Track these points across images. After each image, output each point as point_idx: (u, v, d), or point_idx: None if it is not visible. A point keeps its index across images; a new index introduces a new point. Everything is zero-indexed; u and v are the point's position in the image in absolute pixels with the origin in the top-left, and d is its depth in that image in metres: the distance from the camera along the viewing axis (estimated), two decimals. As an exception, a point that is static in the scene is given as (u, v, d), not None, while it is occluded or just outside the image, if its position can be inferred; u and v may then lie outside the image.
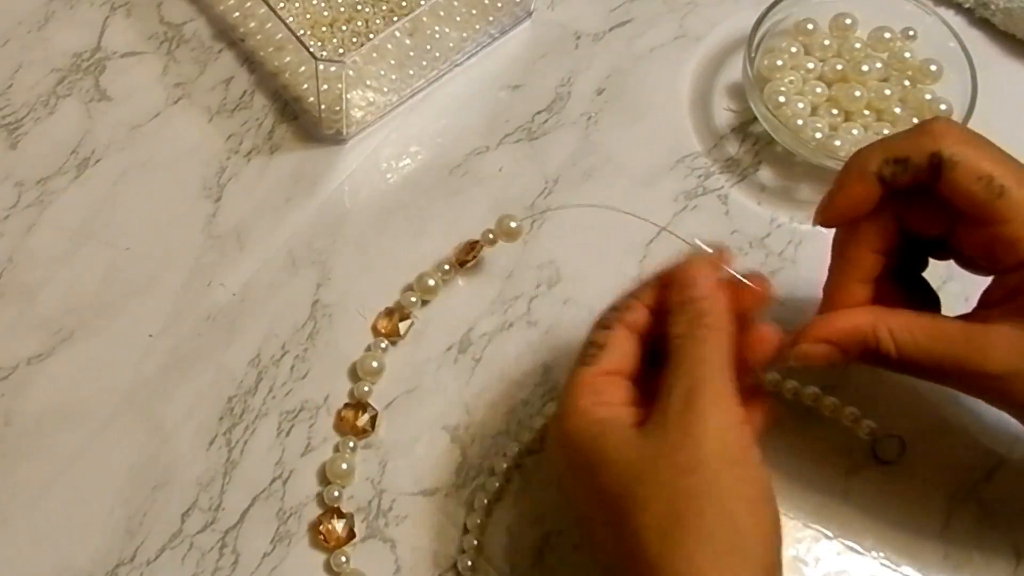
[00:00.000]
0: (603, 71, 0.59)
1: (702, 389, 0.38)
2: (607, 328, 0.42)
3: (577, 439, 0.39)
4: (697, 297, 0.41)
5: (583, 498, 0.40)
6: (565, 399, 0.41)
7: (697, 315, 0.40)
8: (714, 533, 0.36)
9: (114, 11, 0.60)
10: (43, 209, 0.54)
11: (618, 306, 0.43)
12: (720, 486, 0.36)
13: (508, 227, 0.51)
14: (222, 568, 0.46)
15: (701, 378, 0.38)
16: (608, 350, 0.41)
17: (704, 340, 0.39)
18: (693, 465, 0.36)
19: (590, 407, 0.40)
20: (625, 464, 0.37)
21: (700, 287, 0.41)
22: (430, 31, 0.56)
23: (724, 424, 0.38)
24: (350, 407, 0.49)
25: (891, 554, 0.47)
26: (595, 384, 0.41)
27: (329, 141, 0.57)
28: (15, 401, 0.49)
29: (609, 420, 0.39)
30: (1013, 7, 0.59)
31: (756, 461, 0.38)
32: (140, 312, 0.51)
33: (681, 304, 0.41)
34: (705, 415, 0.37)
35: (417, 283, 0.52)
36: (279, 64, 0.58)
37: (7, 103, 0.57)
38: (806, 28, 0.58)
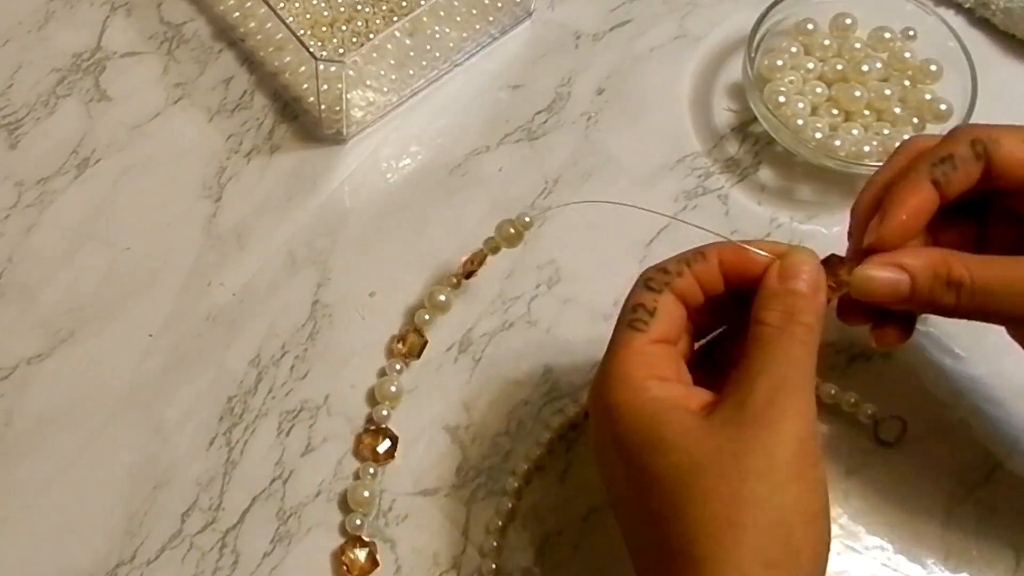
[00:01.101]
0: (603, 71, 0.59)
1: (789, 391, 0.36)
2: (656, 291, 0.39)
3: (631, 415, 0.37)
4: (800, 291, 0.38)
5: (629, 479, 0.37)
6: (613, 367, 0.38)
7: (795, 309, 0.38)
8: (768, 545, 0.34)
9: (114, 11, 0.60)
10: (43, 209, 0.54)
11: (669, 269, 0.40)
12: (784, 498, 0.35)
13: (508, 232, 0.50)
14: (222, 568, 0.46)
15: (789, 380, 0.36)
16: (658, 316, 0.39)
17: (799, 340, 0.37)
18: (762, 471, 0.35)
19: (644, 380, 0.37)
20: (687, 453, 0.35)
21: (806, 281, 0.39)
22: (430, 31, 0.56)
23: (802, 435, 0.36)
24: (370, 432, 0.48)
25: (891, 554, 0.47)
26: (647, 353, 0.38)
27: (329, 141, 0.57)
28: (15, 401, 0.49)
29: (669, 400, 0.37)
30: (1013, 7, 0.59)
31: (821, 477, 0.36)
32: (140, 312, 0.51)
33: (781, 293, 0.38)
34: (785, 421, 0.36)
35: (428, 300, 0.51)
36: (279, 64, 0.58)
37: (7, 103, 0.57)
38: (806, 28, 0.58)
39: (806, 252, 0.40)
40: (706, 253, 0.40)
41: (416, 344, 0.50)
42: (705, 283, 0.40)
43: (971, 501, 0.48)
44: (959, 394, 0.50)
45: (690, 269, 0.40)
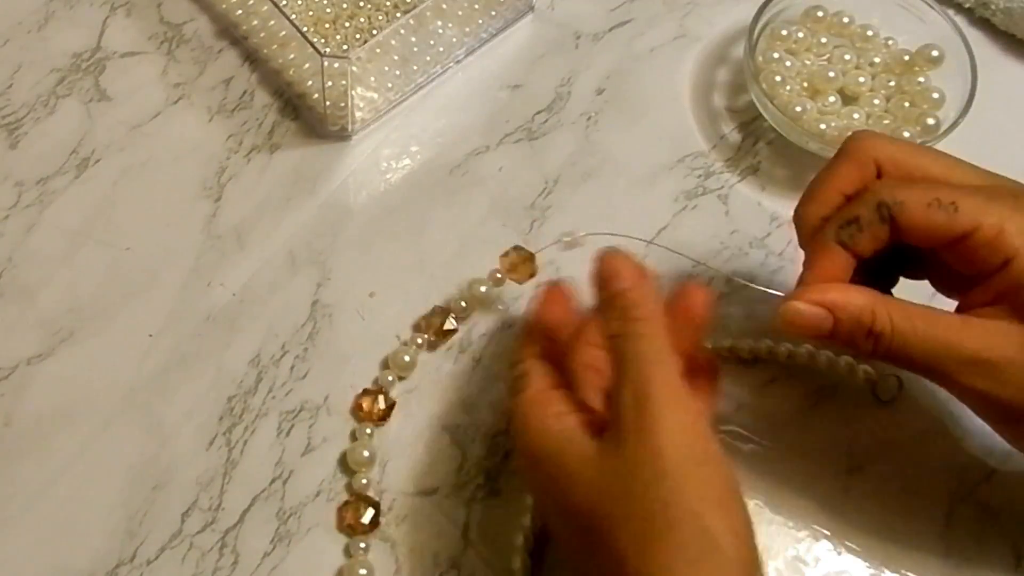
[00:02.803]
0: (603, 71, 0.59)
1: (649, 391, 0.37)
2: (520, 362, 0.43)
3: (539, 456, 0.39)
4: (623, 289, 0.40)
5: (556, 517, 0.40)
6: (516, 421, 0.41)
7: (625, 307, 0.39)
8: (687, 541, 0.35)
9: (114, 11, 0.60)
10: (43, 209, 0.54)
11: (516, 349, 0.44)
12: (687, 492, 0.36)
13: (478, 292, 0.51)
14: (222, 568, 0.46)
15: (646, 378, 0.38)
16: (532, 375, 0.42)
17: (640, 335, 0.39)
18: (658, 476, 0.36)
19: (544, 420, 0.40)
20: (590, 483, 0.37)
21: (623, 278, 0.40)
22: (433, 26, 0.56)
23: (681, 424, 0.37)
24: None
25: (891, 554, 0.47)
26: (539, 400, 0.41)
27: (330, 139, 0.57)
28: (15, 401, 0.49)
29: (565, 433, 0.39)
30: (1013, 7, 0.59)
31: (718, 456, 0.37)
32: (140, 312, 0.51)
33: (609, 300, 0.40)
34: (659, 419, 0.37)
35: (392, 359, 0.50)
36: (282, 62, 0.58)
37: (7, 103, 0.57)
38: (813, 15, 0.58)
39: (611, 251, 0.42)
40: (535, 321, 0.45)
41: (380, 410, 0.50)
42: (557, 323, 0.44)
43: (971, 501, 0.48)
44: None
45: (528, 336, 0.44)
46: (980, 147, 0.56)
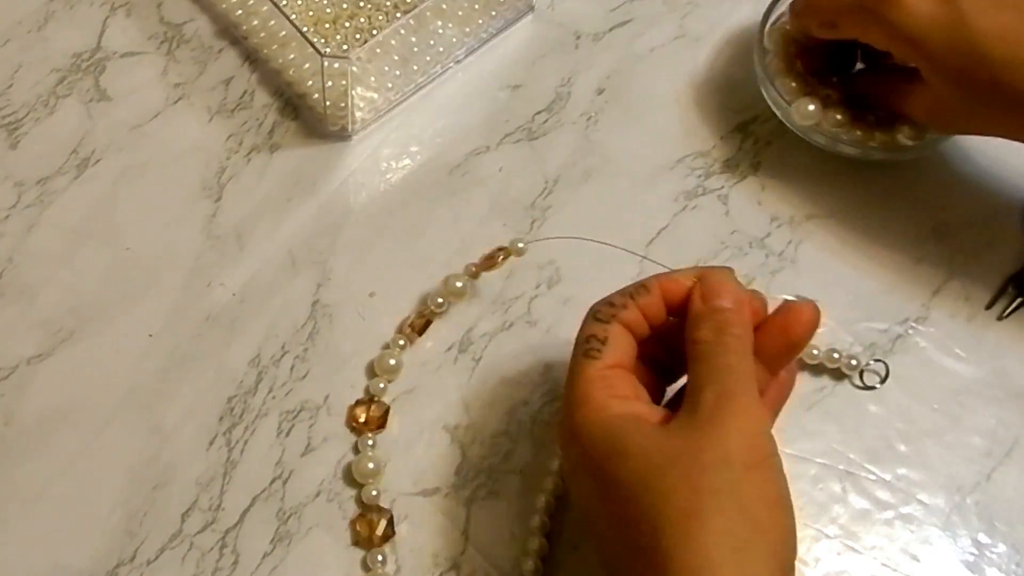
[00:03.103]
0: (603, 71, 0.59)
1: (732, 395, 0.38)
2: (605, 322, 0.42)
3: (596, 432, 0.39)
4: (725, 308, 0.41)
5: (597, 490, 0.39)
6: (576, 392, 0.40)
7: (724, 324, 0.40)
8: (732, 529, 0.36)
9: (114, 11, 0.60)
10: (43, 209, 0.54)
11: (615, 302, 0.42)
12: (742, 486, 0.37)
13: (454, 287, 0.51)
14: (222, 568, 0.46)
15: (731, 385, 0.39)
16: (610, 344, 0.41)
17: (732, 349, 0.40)
18: (717, 464, 0.37)
19: (606, 400, 0.40)
20: (647, 458, 0.37)
21: (728, 298, 0.41)
22: (433, 26, 0.56)
23: (752, 431, 0.38)
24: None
25: (891, 554, 0.47)
26: (606, 377, 0.41)
27: (330, 139, 0.57)
28: (15, 401, 0.49)
29: (630, 415, 0.39)
30: (1013, 7, 0.59)
31: (778, 468, 0.38)
32: (140, 312, 0.51)
33: (708, 312, 0.41)
34: (734, 419, 0.38)
35: (378, 363, 0.50)
36: (282, 62, 0.58)
37: (7, 103, 0.57)
38: None
39: (724, 271, 0.43)
40: (648, 286, 0.43)
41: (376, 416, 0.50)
42: (649, 314, 0.42)
43: (971, 501, 0.48)
44: (959, 394, 0.50)
45: (634, 301, 0.42)
46: (981, 147, 0.57)
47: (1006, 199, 0.55)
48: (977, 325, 0.52)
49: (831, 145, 0.54)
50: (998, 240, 0.54)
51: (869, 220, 0.55)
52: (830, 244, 0.54)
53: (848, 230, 0.54)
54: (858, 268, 0.53)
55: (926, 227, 0.54)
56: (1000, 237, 0.54)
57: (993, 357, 0.51)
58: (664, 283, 0.42)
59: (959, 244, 0.54)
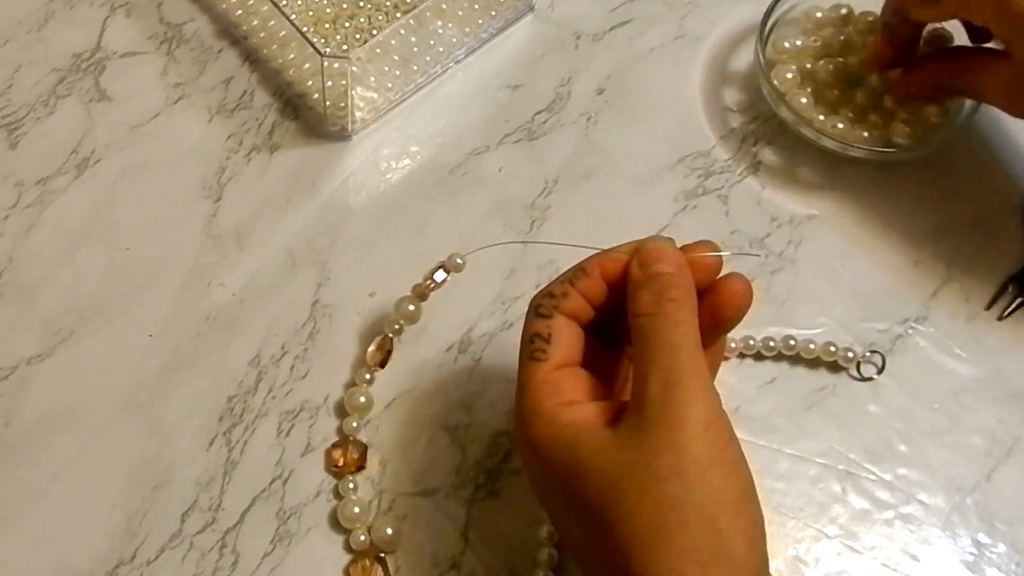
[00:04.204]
0: (603, 71, 0.59)
1: (680, 381, 0.37)
2: (547, 317, 0.40)
3: (549, 447, 0.38)
4: (663, 271, 0.39)
5: (560, 507, 0.39)
6: (526, 402, 0.39)
7: (662, 288, 0.39)
8: (698, 542, 0.35)
9: (114, 11, 0.60)
10: (43, 209, 0.54)
11: (555, 292, 0.41)
12: (702, 491, 0.35)
13: (407, 310, 0.50)
14: (222, 568, 0.46)
15: (678, 368, 0.37)
16: (555, 342, 0.40)
17: (674, 321, 0.38)
18: (675, 471, 0.35)
19: (556, 409, 0.38)
20: (603, 472, 0.36)
21: (666, 262, 0.40)
22: (433, 26, 0.56)
23: (705, 420, 0.36)
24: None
25: (891, 554, 0.47)
26: (554, 381, 0.39)
27: (330, 139, 0.57)
28: (15, 401, 0.49)
29: (580, 424, 0.38)
30: (1013, 7, 0.59)
31: (737, 457, 0.37)
32: (140, 312, 0.51)
33: (647, 279, 0.39)
34: (685, 413, 0.36)
35: (348, 402, 0.49)
36: (282, 62, 0.58)
37: (7, 103, 0.57)
38: (816, 13, 0.58)
39: (662, 239, 0.41)
40: (586, 268, 0.41)
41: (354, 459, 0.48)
42: (591, 297, 0.41)
43: (971, 501, 0.48)
44: (959, 394, 0.50)
45: (575, 287, 0.41)
46: (981, 147, 0.57)
47: (1006, 199, 0.55)
48: (977, 325, 0.52)
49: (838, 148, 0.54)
50: (998, 240, 0.54)
51: (869, 220, 0.55)
52: (830, 244, 0.54)
53: (848, 230, 0.54)
54: (858, 268, 0.53)
55: (926, 227, 0.54)
56: (1000, 237, 0.54)
57: (993, 357, 0.51)
58: (602, 262, 0.41)
59: (959, 244, 0.54)
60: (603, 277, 0.41)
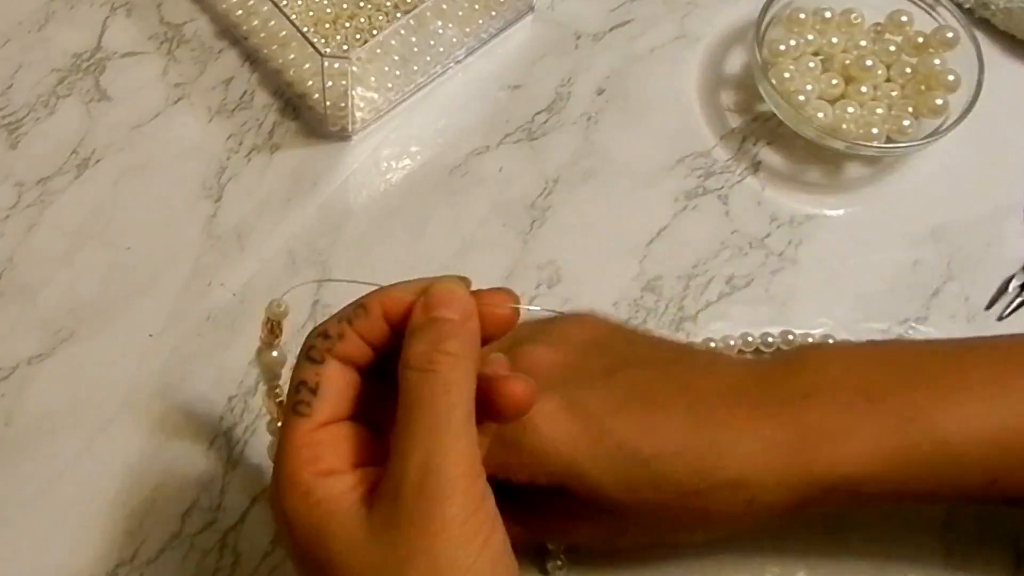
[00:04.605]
0: (603, 71, 0.59)
1: (439, 469, 0.33)
2: (318, 362, 0.36)
3: (300, 526, 0.34)
4: (445, 317, 0.35)
5: None
6: (281, 467, 0.35)
7: (439, 337, 0.34)
8: None
9: (114, 11, 0.60)
10: (43, 209, 0.54)
11: (330, 332, 0.36)
12: None
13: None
14: (222, 568, 0.46)
15: (440, 451, 0.33)
16: (322, 393, 0.35)
17: (444, 384, 0.34)
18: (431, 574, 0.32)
19: (312, 480, 0.34)
20: (352, 572, 0.33)
21: (452, 308, 0.35)
22: (433, 26, 0.56)
23: (462, 517, 0.33)
24: None
25: (891, 554, 0.46)
26: (312, 443, 0.35)
27: (330, 139, 0.57)
28: (15, 401, 0.49)
29: (333, 503, 0.34)
30: (1013, 7, 0.59)
31: (498, 552, 0.34)
32: (140, 312, 0.51)
33: (425, 324, 0.35)
34: (442, 511, 0.32)
35: None
36: (283, 62, 0.58)
37: (7, 103, 0.57)
38: (813, 12, 0.58)
39: (453, 280, 0.36)
40: (366, 305, 0.36)
41: None
42: (371, 338, 0.36)
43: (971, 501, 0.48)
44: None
45: (352, 327, 0.36)
46: (980, 148, 0.57)
47: (1006, 199, 0.56)
48: (977, 325, 0.52)
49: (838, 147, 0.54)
50: (998, 240, 0.54)
51: (869, 220, 0.55)
52: (830, 244, 0.54)
53: (848, 230, 0.54)
54: (858, 268, 0.53)
55: (926, 227, 0.54)
56: (1000, 237, 0.54)
57: (993, 357, 0.51)
58: (383, 299, 0.36)
59: (959, 244, 0.54)
60: (384, 317, 0.36)
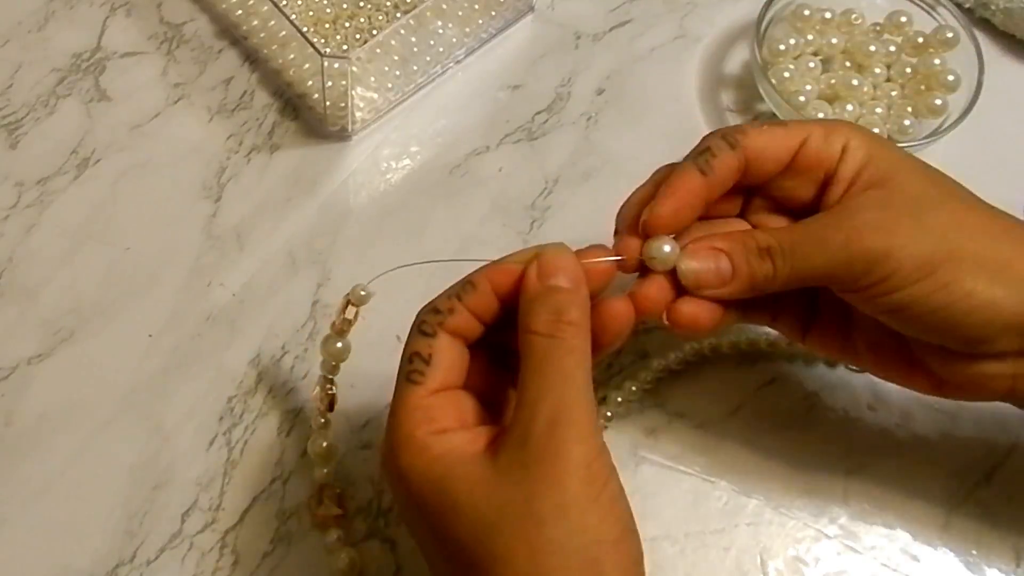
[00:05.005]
0: (603, 71, 0.59)
1: (568, 419, 0.35)
2: (430, 335, 0.38)
3: (418, 481, 0.36)
4: (561, 287, 0.37)
5: (432, 545, 0.37)
6: (395, 429, 0.37)
7: (560, 308, 0.37)
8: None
9: (114, 11, 0.60)
10: (43, 209, 0.54)
11: (440, 308, 0.39)
12: (584, 533, 0.34)
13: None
14: (222, 568, 0.46)
15: (567, 403, 0.35)
16: (435, 363, 0.38)
17: (569, 348, 0.36)
18: (555, 514, 0.34)
19: (427, 439, 0.36)
20: (478, 511, 0.34)
21: (565, 276, 0.38)
22: (433, 26, 0.56)
23: (587, 459, 0.34)
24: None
25: (891, 554, 0.47)
26: (427, 408, 0.37)
27: (330, 139, 0.57)
28: (15, 401, 0.49)
29: (452, 457, 0.36)
30: (1013, 7, 0.59)
31: (617, 493, 0.35)
32: (140, 312, 0.51)
33: (543, 294, 0.37)
34: (569, 452, 0.34)
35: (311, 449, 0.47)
36: (283, 62, 0.58)
37: (7, 103, 0.57)
38: (813, 12, 0.58)
39: (560, 247, 0.39)
40: (475, 281, 0.39)
41: None
42: (481, 312, 0.39)
43: (971, 501, 0.48)
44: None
45: (462, 303, 0.39)
46: (980, 147, 0.57)
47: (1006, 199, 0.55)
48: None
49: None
50: (998, 240, 0.54)
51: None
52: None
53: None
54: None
55: (926, 227, 0.54)
56: (1000, 237, 0.54)
57: (993, 357, 0.51)
58: (491, 274, 0.39)
59: (959, 244, 0.54)
60: (494, 290, 0.39)
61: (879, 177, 0.40)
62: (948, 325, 0.39)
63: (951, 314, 0.38)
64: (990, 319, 0.38)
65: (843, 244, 0.39)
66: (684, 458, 0.48)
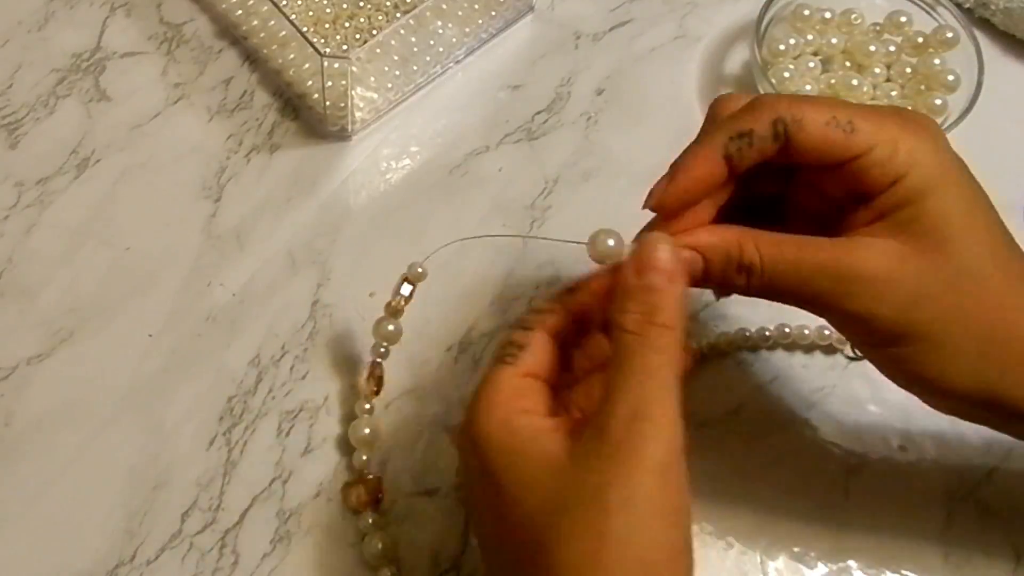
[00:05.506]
0: (603, 71, 0.59)
1: (648, 415, 0.34)
2: (528, 329, 0.39)
3: (496, 450, 0.36)
4: (656, 286, 0.37)
5: (492, 521, 0.37)
6: (481, 398, 0.37)
7: (653, 308, 0.36)
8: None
9: (114, 11, 0.60)
10: (43, 209, 0.54)
11: (540, 308, 0.40)
12: (647, 534, 0.34)
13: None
14: (222, 568, 0.46)
15: (649, 399, 0.35)
16: (529, 351, 0.39)
17: (657, 347, 0.36)
18: (624, 507, 0.34)
19: (510, 414, 0.37)
20: (552, 491, 0.35)
21: (662, 273, 0.37)
22: (433, 26, 0.56)
23: (664, 461, 0.34)
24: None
25: (891, 555, 0.47)
26: (516, 386, 0.38)
27: (330, 139, 0.57)
28: (15, 401, 0.49)
29: (531, 432, 0.36)
30: (1013, 7, 0.59)
31: (686, 506, 0.35)
32: (140, 312, 0.51)
33: (636, 290, 0.37)
34: (646, 448, 0.34)
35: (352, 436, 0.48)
36: (282, 62, 0.58)
37: (7, 103, 0.57)
38: (813, 12, 0.58)
39: (659, 239, 0.38)
40: (580, 284, 0.40)
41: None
42: (582, 311, 0.40)
43: (971, 501, 0.48)
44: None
45: (563, 305, 0.40)
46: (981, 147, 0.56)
47: (1006, 199, 0.55)
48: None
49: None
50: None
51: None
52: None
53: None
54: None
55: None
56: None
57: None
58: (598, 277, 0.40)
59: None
60: (595, 294, 0.40)
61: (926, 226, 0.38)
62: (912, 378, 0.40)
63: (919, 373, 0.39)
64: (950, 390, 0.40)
65: (838, 296, 0.38)
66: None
